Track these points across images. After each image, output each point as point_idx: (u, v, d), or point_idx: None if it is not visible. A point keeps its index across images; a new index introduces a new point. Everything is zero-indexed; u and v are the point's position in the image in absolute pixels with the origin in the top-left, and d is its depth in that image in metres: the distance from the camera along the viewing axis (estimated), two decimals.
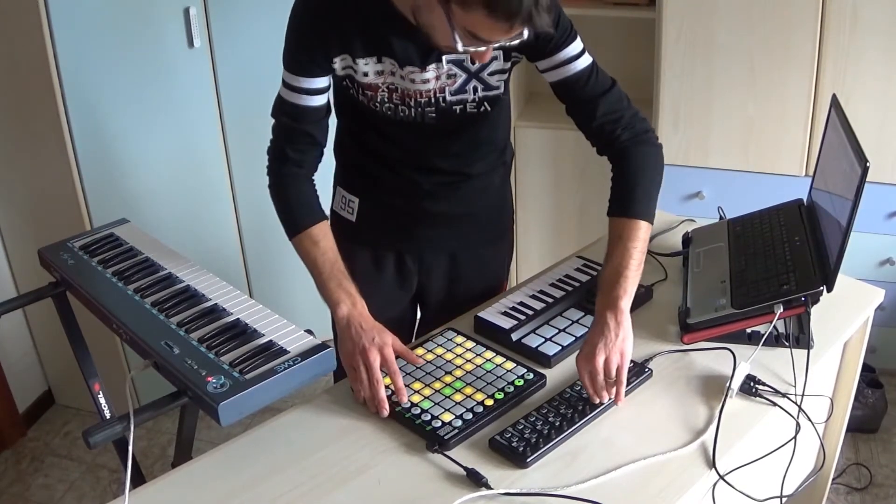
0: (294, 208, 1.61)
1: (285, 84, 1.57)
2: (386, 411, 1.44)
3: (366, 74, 1.54)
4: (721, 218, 1.99)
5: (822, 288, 1.56)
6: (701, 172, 2.78)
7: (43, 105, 2.36)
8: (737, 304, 1.60)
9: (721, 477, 1.35)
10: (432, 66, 1.53)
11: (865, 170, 1.46)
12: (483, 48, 1.34)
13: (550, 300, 1.72)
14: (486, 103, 1.62)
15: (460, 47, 1.31)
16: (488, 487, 1.30)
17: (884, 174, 2.57)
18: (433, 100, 1.58)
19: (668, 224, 2.07)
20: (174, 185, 2.65)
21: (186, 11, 2.45)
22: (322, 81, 1.56)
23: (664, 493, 1.30)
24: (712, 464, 1.35)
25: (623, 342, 1.43)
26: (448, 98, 1.58)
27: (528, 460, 1.34)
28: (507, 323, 1.66)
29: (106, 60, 2.39)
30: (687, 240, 1.93)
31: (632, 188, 1.57)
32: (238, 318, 1.54)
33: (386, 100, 1.58)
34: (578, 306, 1.71)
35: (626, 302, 1.45)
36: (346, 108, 1.68)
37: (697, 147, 2.74)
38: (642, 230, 1.52)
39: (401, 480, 1.34)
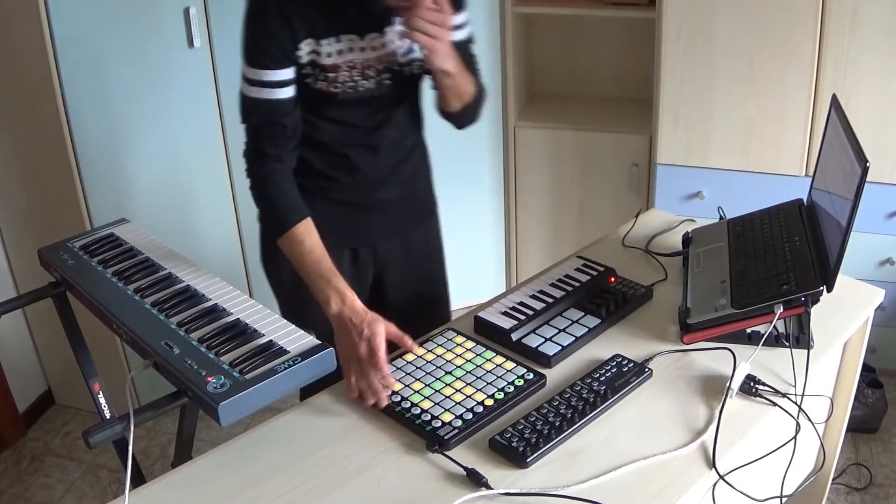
0: (277, 208, 1.63)
1: (252, 82, 1.58)
2: (383, 402, 1.46)
3: (329, 55, 1.57)
4: (721, 218, 1.99)
5: (822, 288, 1.56)
6: (701, 172, 2.78)
7: (43, 105, 2.36)
8: (737, 304, 1.60)
9: (721, 477, 1.35)
10: (389, 29, 1.60)
11: (865, 170, 1.46)
12: None
13: (550, 300, 1.72)
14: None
15: None
16: (488, 487, 1.30)
17: (884, 174, 2.57)
18: (389, 63, 1.64)
19: (668, 224, 2.07)
20: (174, 184, 2.66)
21: (186, 11, 2.45)
22: (289, 73, 1.58)
23: (664, 493, 1.30)
24: (712, 464, 1.35)
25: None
26: (400, 60, 1.65)
27: (528, 460, 1.34)
28: (507, 323, 1.66)
29: (106, 60, 2.40)
30: (687, 240, 1.93)
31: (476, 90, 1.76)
32: (238, 318, 1.54)
33: (347, 78, 1.61)
34: (578, 306, 1.71)
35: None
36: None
37: (697, 147, 2.74)
38: (472, 93, 1.73)
39: (401, 480, 1.34)
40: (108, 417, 1.74)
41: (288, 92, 1.58)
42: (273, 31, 1.53)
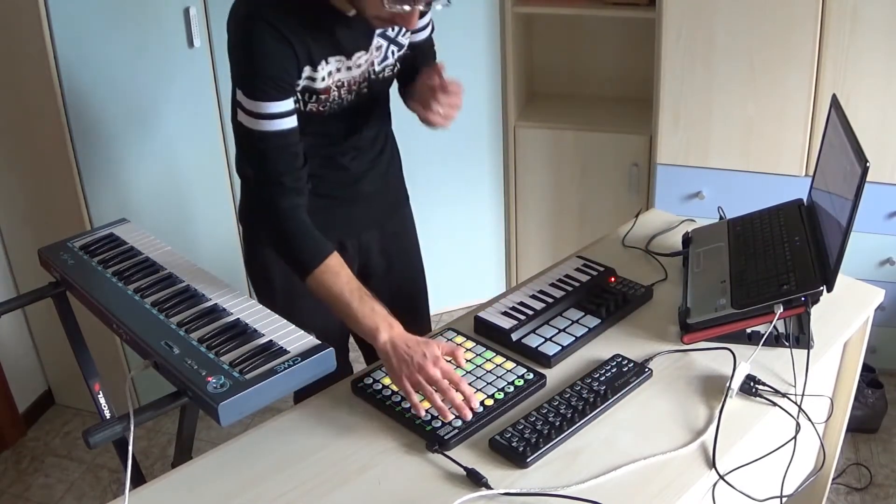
0: (305, 247, 1.56)
1: (258, 115, 1.51)
2: (468, 414, 1.43)
3: (323, 79, 1.58)
4: (721, 218, 1.99)
5: (822, 288, 1.56)
6: (701, 172, 2.78)
7: (43, 105, 2.36)
8: (737, 304, 1.60)
9: (721, 477, 1.35)
10: (371, 45, 1.62)
11: (865, 170, 1.46)
12: (409, 7, 1.43)
13: (550, 300, 1.72)
14: (398, 63, 1.72)
15: (387, 7, 1.42)
16: (488, 487, 1.30)
17: (884, 174, 2.56)
18: (367, 74, 1.65)
19: (668, 224, 2.07)
20: (174, 184, 2.66)
21: (186, 11, 2.45)
22: (292, 101, 1.55)
23: (664, 493, 1.30)
24: (712, 464, 1.35)
25: None
26: (377, 68, 1.66)
27: (528, 460, 1.35)
28: (507, 323, 1.66)
29: (106, 60, 2.40)
30: (687, 240, 1.93)
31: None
32: (238, 318, 1.54)
33: (336, 97, 1.62)
34: (578, 306, 1.71)
35: None
36: None
37: (697, 147, 2.74)
38: None
39: (401, 480, 1.34)
40: (108, 417, 1.74)
41: (294, 120, 1.56)
42: (280, 62, 1.50)
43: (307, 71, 1.55)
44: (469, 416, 1.43)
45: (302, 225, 1.58)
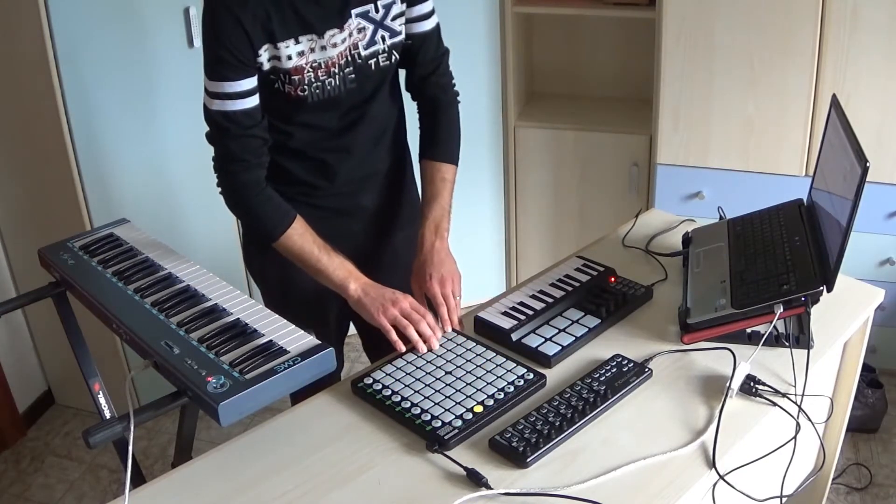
0: (267, 215, 1.64)
1: (214, 95, 1.56)
2: (435, 345, 1.58)
3: (290, 58, 1.56)
4: (721, 218, 1.99)
5: (822, 288, 1.56)
6: (701, 172, 2.78)
7: (43, 105, 2.36)
8: (737, 304, 1.60)
9: (721, 477, 1.35)
10: (346, 24, 1.59)
11: (865, 170, 1.46)
12: None
13: (550, 300, 1.72)
14: (394, 52, 1.69)
15: None
16: (488, 487, 1.30)
17: (884, 174, 2.57)
18: (350, 58, 1.62)
19: (668, 224, 2.07)
20: (174, 185, 2.66)
21: (186, 11, 2.45)
22: (251, 82, 1.56)
23: (664, 493, 1.30)
24: (712, 464, 1.35)
25: (455, 270, 1.71)
26: (363, 53, 1.64)
27: (528, 460, 1.35)
28: (507, 323, 1.66)
29: (106, 60, 2.40)
30: (687, 240, 1.93)
31: (454, 139, 1.84)
32: (238, 318, 1.54)
33: (313, 79, 1.60)
34: (578, 306, 1.71)
35: (447, 234, 1.76)
36: (269, 119, 1.66)
37: (697, 147, 2.74)
38: (455, 172, 1.82)
39: (401, 480, 1.34)
40: (108, 417, 1.74)
41: (252, 101, 1.57)
42: (230, 41, 1.51)
43: (268, 49, 1.54)
44: (436, 346, 1.59)
45: (263, 195, 1.64)
